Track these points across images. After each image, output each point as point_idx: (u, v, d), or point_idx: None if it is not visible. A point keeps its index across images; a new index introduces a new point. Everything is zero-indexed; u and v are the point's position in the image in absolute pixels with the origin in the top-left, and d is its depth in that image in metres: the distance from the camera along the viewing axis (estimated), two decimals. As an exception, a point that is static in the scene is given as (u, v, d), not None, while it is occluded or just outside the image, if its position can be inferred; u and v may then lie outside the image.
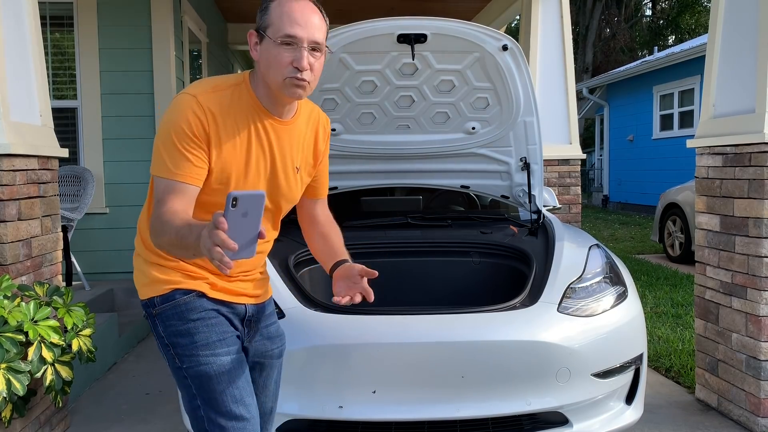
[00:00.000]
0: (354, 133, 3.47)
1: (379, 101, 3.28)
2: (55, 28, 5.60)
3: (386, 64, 3.08)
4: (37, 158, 3.02)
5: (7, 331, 2.50)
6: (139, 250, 1.81)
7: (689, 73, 12.83)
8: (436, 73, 3.12)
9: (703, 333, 3.52)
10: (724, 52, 3.38)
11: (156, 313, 1.74)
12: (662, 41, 27.08)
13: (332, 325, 2.44)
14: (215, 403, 1.71)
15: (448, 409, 2.38)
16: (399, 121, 3.42)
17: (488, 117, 3.38)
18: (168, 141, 1.61)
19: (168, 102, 5.52)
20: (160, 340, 1.77)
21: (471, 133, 3.48)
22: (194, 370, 1.72)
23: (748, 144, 3.11)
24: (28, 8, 3.07)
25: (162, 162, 1.61)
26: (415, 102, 3.29)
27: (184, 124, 1.61)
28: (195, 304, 1.74)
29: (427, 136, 3.51)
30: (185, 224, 1.47)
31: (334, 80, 3.12)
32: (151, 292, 1.74)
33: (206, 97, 1.65)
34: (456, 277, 3.21)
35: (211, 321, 1.76)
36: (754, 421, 3.11)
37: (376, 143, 3.53)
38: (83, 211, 4.95)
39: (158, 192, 1.61)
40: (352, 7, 8.27)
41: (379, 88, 3.20)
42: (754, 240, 3.09)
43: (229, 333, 1.78)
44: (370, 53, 3.02)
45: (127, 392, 3.78)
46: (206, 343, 1.73)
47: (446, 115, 3.38)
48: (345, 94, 3.23)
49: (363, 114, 3.35)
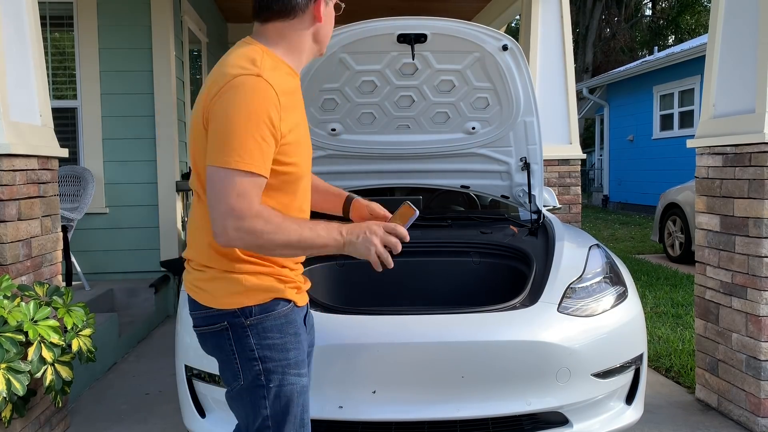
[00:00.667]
0: (354, 133, 3.47)
1: (379, 101, 3.28)
2: (55, 28, 5.60)
3: (386, 64, 3.08)
4: (37, 158, 3.02)
5: (7, 331, 2.49)
6: (207, 261, 1.65)
7: (689, 73, 12.83)
8: (436, 72, 3.12)
9: (703, 333, 3.52)
10: (724, 52, 3.38)
11: (250, 324, 1.61)
12: (662, 41, 27.08)
13: (332, 325, 2.44)
14: (285, 427, 1.65)
15: (448, 409, 2.38)
16: (399, 121, 3.42)
17: (488, 117, 3.38)
18: (254, 130, 1.48)
19: (165, 101, 5.54)
20: (244, 354, 1.62)
21: (471, 133, 3.48)
22: (281, 390, 1.63)
23: (748, 144, 3.11)
24: (28, 8, 3.07)
25: (249, 154, 1.47)
26: (415, 102, 3.29)
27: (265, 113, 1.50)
28: (292, 317, 1.67)
29: (427, 136, 3.51)
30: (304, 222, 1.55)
31: (333, 80, 3.12)
32: (246, 301, 1.61)
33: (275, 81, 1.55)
34: (456, 277, 3.21)
35: (301, 338, 1.70)
36: (754, 421, 3.11)
37: (376, 143, 3.53)
38: (83, 211, 4.95)
39: (243, 188, 1.48)
40: (352, 7, 8.26)
41: (379, 88, 3.20)
42: (754, 240, 3.09)
43: (307, 350, 1.75)
44: (370, 53, 3.02)
45: (127, 392, 3.78)
46: (296, 361, 1.66)
47: (446, 115, 3.38)
48: (345, 94, 3.23)
49: (363, 114, 3.35)
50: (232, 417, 2.54)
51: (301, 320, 1.74)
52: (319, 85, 3.11)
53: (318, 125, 3.38)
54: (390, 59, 3.04)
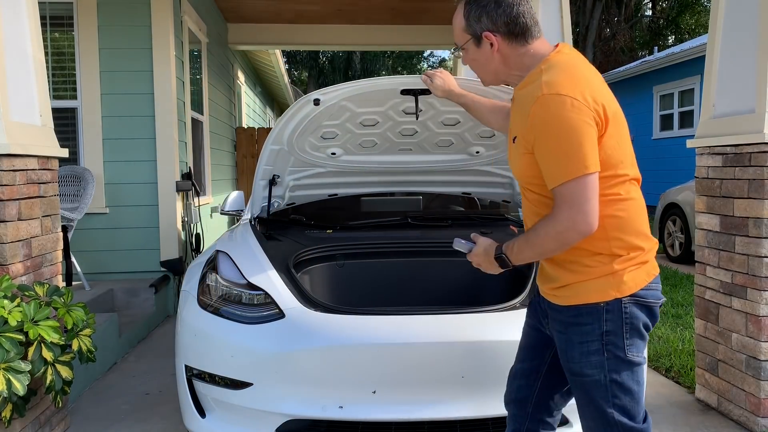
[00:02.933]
0: (354, 155, 3.44)
1: (381, 132, 3.24)
2: (55, 28, 5.60)
3: (389, 107, 3.03)
4: (37, 158, 3.02)
5: (7, 331, 2.49)
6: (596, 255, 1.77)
7: (689, 73, 12.82)
8: (441, 112, 3.07)
9: (703, 333, 3.52)
10: (724, 52, 3.38)
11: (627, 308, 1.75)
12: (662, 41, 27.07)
13: (332, 325, 2.44)
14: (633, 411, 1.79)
15: (448, 409, 2.38)
16: (401, 146, 3.38)
17: (494, 143, 3.33)
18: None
19: (165, 101, 5.54)
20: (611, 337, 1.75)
21: (475, 155, 3.47)
22: (637, 376, 1.79)
23: (748, 144, 3.11)
24: (28, 8, 3.07)
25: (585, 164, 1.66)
26: (418, 132, 3.25)
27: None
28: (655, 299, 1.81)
29: (429, 156, 3.49)
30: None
31: (334, 119, 3.09)
32: (635, 286, 1.75)
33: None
34: (456, 277, 3.21)
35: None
36: (754, 421, 3.11)
37: (377, 162, 3.51)
38: (83, 211, 4.95)
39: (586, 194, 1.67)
40: (353, 7, 8.27)
41: (381, 123, 3.16)
42: (754, 240, 3.09)
43: None
44: (372, 100, 2.99)
45: (127, 392, 3.78)
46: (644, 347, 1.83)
47: (450, 141, 3.35)
48: (345, 128, 3.19)
49: (364, 140, 3.32)
50: (232, 417, 2.55)
51: None
52: (317, 123, 3.09)
53: (317, 149, 3.36)
54: (393, 103, 3.00)
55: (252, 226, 3.37)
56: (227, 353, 2.51)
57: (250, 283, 2.64)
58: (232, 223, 6.33)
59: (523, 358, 2.08)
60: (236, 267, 2.74)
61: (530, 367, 2.05)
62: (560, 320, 1.85)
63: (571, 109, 1.65)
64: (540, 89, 1.70)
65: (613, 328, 1.75)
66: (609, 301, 1.75)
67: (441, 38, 9.33)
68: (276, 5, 8.16)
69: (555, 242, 1.72)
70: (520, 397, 2.07)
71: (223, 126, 8.82)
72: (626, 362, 1.77)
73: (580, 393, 1.84)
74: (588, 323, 1.77)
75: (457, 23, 1.90)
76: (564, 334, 1.83)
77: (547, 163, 1.70)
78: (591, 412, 1.83)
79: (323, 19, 8.86)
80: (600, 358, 1.76)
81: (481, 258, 1.92)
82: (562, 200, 1.68)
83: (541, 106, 1.68)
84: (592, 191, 1.67)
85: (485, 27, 1.82)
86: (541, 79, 1.72)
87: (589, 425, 1.86)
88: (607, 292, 1.75)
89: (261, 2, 8.07)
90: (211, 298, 2.68)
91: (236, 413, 2.51)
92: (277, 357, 2.42)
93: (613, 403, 1.78)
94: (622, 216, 1.76)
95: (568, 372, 1.85)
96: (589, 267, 1.76)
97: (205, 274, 2.80)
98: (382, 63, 27.83)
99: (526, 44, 1.82)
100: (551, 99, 1.67)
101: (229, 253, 2.85)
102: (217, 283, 2.71)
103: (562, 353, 1.86)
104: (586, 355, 1.78)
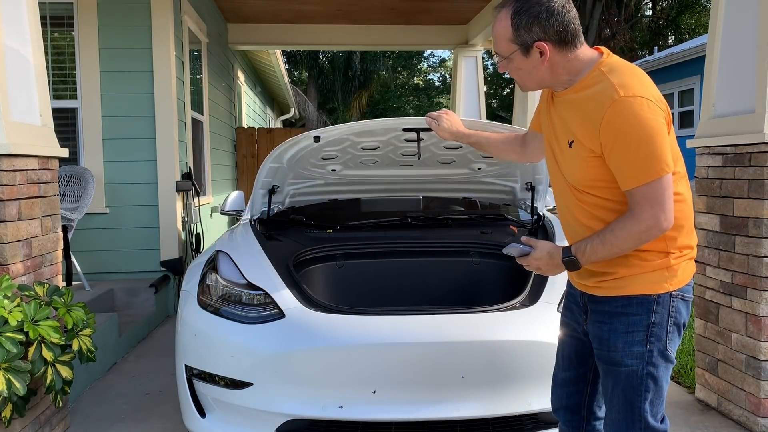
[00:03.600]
0: (355, 170, 3.45)
1: (382, 153, 3.24)
2: (55, 28, 5.60)
3: (391, 137, 3.04)
4: (37, 158, 3.02)
5: (8, 331, 2.49)
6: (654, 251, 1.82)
7: (689, 73, 12.84)
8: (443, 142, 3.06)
9: (703, 333, 3.52)
10: (724, 52, 3.38)
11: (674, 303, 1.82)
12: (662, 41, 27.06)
13: (332, 325, 2.44)
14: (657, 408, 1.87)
15: (448, 409, 2.38)
16: (402, 162, 3.38)
17: (496, 160, 3.33)
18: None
19: (165, 101, 5.54)
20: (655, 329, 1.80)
21: (476, 171, 3.48)
22: (668, 374, 1.86)
23: (748, 144, 3.11)
24: (28, 8, 3.07)
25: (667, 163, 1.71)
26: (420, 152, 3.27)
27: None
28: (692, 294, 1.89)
29: (430, 170, 3.50)
30: None
31: (334, 145, 3.10)
32: (684, 280, 1.84)
33: None
34: (456, 277, 3.21)
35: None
36: (754, 421, 3.11)
37: (377, 175, 3.52)
38: (83, 211, 4.95)
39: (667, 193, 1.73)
40: (353, 7, 8.27)
41: (382, 147, 3.17)
42: (754, 240, 3.09)
43: None
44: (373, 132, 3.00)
45: (127, 392, 3.78)
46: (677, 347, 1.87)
47: (452, 159, 3.35)
48: (346, 151, 3.20)
49: (365, 159, 3.33)
50: (232, 417, 2.55)
51: None
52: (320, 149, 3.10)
53: (317, 167, 3.37)
54: (395, 135, 3.00)
55: (252, 226, 3.37)
56: (227, 353, 2.51)
57: (250, 283, 2.64)
58: (232, 223, 6.33)
59: (568, 366, 2.09)
60: (236, 267, 2.74)
61: (577, 375, 2.07)
62: (604, 311, 1.87)
63: (648, 110, 1.68)
64: (614, 92, 1.70)
65: (660, 320, 1.81)
66: (661, 294, 1.80)
67: (441, 38, 9.33)
68: (276, 5, 8.16)
69: (636, 241, 1.76)
70: (571, 403, 2.10)
71: (223, 126, 8.82)
72: (664, 356, 1.83)
73: (613, 384, 1.87)
74: (637, 314, 1.81)
75: (502, 33, 1.82)
76: (607, 324, 1.85)
77: (626, 164, 1.72)
78: (619, 404, 1.86)
79: (323, 19, 8.86)
80: (642, 349, 1.81)
81: (543, 262, 1.90)
82: (644, 200, 1.72)
83: (620, 108, 1.69)
84: (670, 190, 1.73)
85: (537, 37, 1.78)
86: (611, 81, 1.73)
87: (614, 418, 1.89)
88: (661, 284, 1.80)
89: (261, 2, 8.07)
90: (211, 298, 2.68)
91: (236, 413, 2.51)
92: (277, 357, 2.42)
93: (644, 397, 1.83)
94: (678, 216, 1.80)
95: (606, 361, 1.87)
96: (646, 261, 1.81)
97: (205, 274, 2.80)
98: (382, 63, 27.80)
99: (575, 50, 1.81)
100: (629, 101, 1.68)
101: (229, 253, 2.85)
102: (217, 283, 2.71)
103: (602, 343, 1.87)
104: (629, 345, 1.82)
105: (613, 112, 1.69)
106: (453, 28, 9.14)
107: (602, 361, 1.89)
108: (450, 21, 8.89)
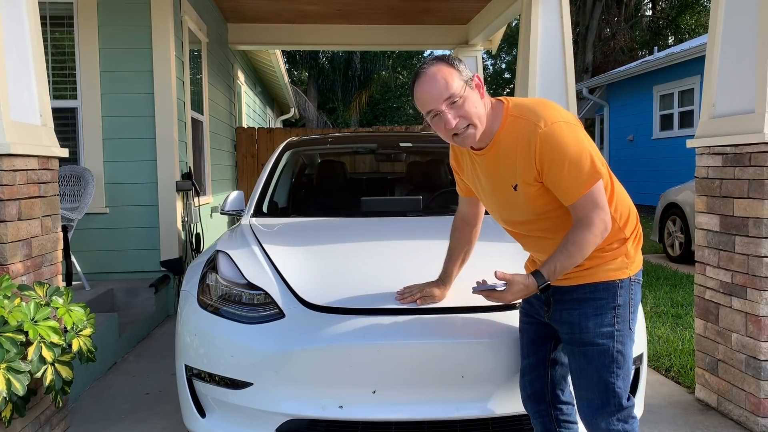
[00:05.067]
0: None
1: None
2: (55, 28, 5.60)
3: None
4: (37, 158, 3.02)
5: (7, 331, 2.49)
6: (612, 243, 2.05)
7: (689, 73, 12.83)
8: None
9: (703, 333, 3.52)
10: (724, 52, 3.38)
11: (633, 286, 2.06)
12: (662, 41, 27.06)
13: (332, 325, 2.44)
14: (625, 386, 2.03)
15: (448, 409, 2.38)
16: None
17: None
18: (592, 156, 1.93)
19: (165, 101, 5.54)
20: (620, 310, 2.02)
21: None
22: (632, 351, 2.06)
23: (748, 144, 3.11)
24: (28, 8, 3.07)
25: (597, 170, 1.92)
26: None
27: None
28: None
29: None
30: None
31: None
32: (638, 266, 2.09)
33: None
34: None
35: None
36: (754, 421, 3.11)
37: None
38: (83, 211, 4.95)
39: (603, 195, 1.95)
40: (353, 7, 8.27)
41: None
42: (754, 240, 3.09)
43: None
44: None
45: (127, 392, 3.78)
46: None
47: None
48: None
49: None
50: (232, 417, 2.55)
51: None
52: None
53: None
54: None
55: (252, 225, 3.37)
56: (227, 353, 2.50)
57: (250, 283, 2.64)
58: (232, 223, 6.33)
59: (527, 353, 2.26)
60: (236, 267, 2.74)
61: (536, 360, 2.23)
62: (572, 299, 2.06)
63: (569, 131, 1.91)
64: (536, 126, 1.91)
65: (623, 302, 2.03)
66: (623, 278, 2.03)
67: (441, 38, 9.34)
68: (276, 5, 8.16)
69: (593, 246, 1.95)
70: (535, 390, 2.24)
71: (223, 126, 8.82)
72: (629, 334, 2.04)
73: (585, 364, 2.04)
74: (603, 298, 2.02)
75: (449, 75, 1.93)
76: (577, 309, 2.05)
77: (566, 182, 1.92)
78: (593, 383, 2.03)
79: (323, 19, 8.87)
80: (611, 329, 2.02)
81: (521, 294, 2.02)
82: (591, 207, 1.92)
83: (545, 138, 1.89)
84: (603, 191, 1.96)
85: (470, 72, 2.00)
86: (528, 119, 1.93)
87: (588, 396, 2.04)
88: (623, 271, 2.04)
89: (261, 2, 8.07)
90: (211, 298, 2.68)
91: (236, 413, 2.51)
92: (277, 357, 2.41)
93: (617, 374, 2.01)
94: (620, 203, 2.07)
95: (578, 343, 2.04)
96: (608, 252, 2.04)
97: (205, 273, 2.80)
98: (382, 63, 27.80)
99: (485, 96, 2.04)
100: (551, 129, 1.90)
101: (229, 253, 2.85)
102: (217, 282, 2.71)
103: (573, 327, 2.05)
104: (599, 326, 2.02)
105: (542, 143, 1.89)
106: (453, 28, 9.15)
107: (574, 344, 2.06)
108: (450, 21, 8.90)
